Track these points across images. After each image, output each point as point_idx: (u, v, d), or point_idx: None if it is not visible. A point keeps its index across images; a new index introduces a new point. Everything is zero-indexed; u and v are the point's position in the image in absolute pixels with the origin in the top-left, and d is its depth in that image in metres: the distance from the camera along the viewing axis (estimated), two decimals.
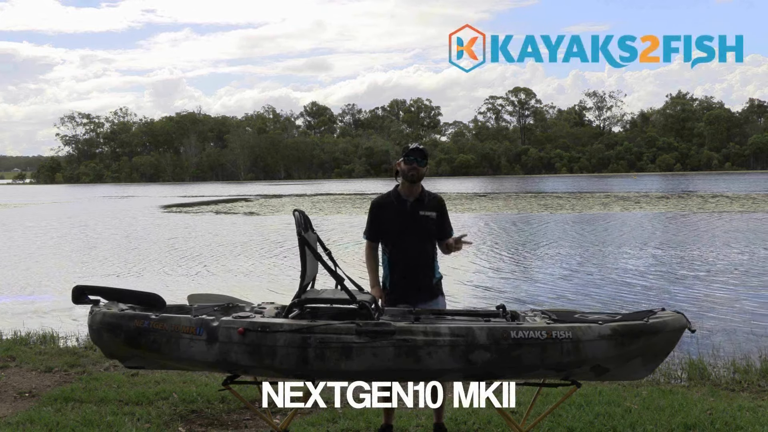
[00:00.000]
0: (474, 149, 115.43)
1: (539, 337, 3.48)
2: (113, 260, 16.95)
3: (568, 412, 4.74)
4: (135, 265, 16.07)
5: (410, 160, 4.16)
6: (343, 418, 4.72)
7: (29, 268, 15.83)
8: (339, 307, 3.80)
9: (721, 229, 21.95)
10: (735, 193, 43.15)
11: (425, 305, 4.11)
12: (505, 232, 22.83)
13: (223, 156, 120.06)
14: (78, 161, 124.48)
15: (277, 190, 65.67)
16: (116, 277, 14.17)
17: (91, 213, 37.17)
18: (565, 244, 18.51)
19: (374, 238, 4.31)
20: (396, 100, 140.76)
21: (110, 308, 3.82)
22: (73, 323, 8.89)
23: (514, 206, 35.35)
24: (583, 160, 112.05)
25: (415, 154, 4.16)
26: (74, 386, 5.61)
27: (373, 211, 4.32)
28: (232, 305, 4.03)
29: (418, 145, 4.21)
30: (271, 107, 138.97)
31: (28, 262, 16.81)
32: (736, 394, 5.50)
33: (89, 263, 16.51)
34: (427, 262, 4.22)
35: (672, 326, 3.55)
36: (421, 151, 4.19)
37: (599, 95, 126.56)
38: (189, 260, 16.59)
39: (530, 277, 13.59)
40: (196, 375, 5.90)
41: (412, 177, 4.18)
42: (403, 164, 4.20)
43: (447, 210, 4.34)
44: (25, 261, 17.15)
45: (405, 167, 4.18)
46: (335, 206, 37.74)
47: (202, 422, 4.79)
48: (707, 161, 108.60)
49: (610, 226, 24.00)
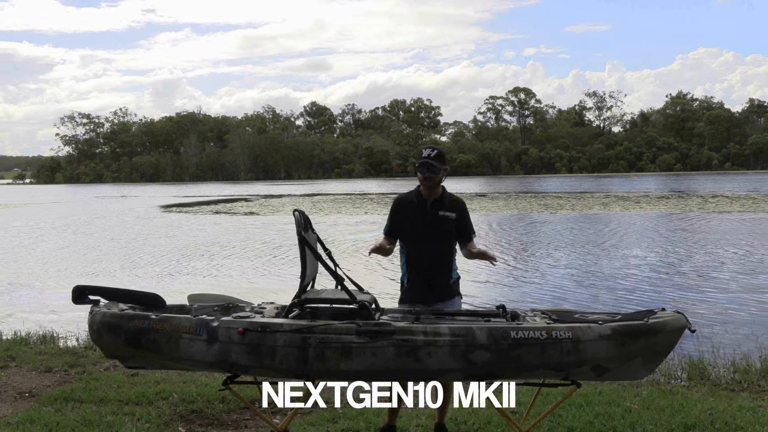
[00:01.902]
0: (474, 149, 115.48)
1: (539, 337, 3.47)
2: (113, 260, 16.94)
3: (568, 412, 4.73)
4: (135, 265, 16.07)
5: (423, 170, 4.13)
6: (343, 418, 4.71)
7: (29, 268, 15.82)
8: (339, 307, 3.80)
9: (721, 229, 21.95)
10: (735, 193, 43.15)
11: (442, 305, 4.10)
12: (505, 232, 22.82)
13: (223, 156, 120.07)
14: (78, 161, 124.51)
15: (277, 190, 65.67)
16: (116, 277, 14.17)
17: (91, 213, 37.16)
18: (565, 244, 18.50)
19: (391, 234, 4.27)
20: (396, 100, 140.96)
21: (110, 308, 3.82)
22: (73, 323, 8.88)
23: (514, 206, 35.35)
24: (583, 160, 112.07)
25: (425, 166, 4.10)
26: (74, 386, 5.60)
27: (393, 209, 4.31)
28: (232, 305, 4.03)
29: (430, 152, 4.14)
30: (271, 107, 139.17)
31: (29, 262, 16.81)
32: (736, 394, 5.50)
33: (89, 263, 16.50)
34: (444, 263, 4.20)
35: (672, 326, 3.55)
36: (431, 164, 4.09)
37: (599, 95, 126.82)
38: (189, 260, 16.59)
39: (530, 277, 13.58)
40: (196, 375, 5.89)
41: (428, 185, 4.16)
42: (418, 173, 4.18)
43: (468, 212, 4.31)
44: (25, 261, 17.14)
45: (420, 175, 4.16)
46: (335, 206, 37.74)
47: (202, 422, 4.79)
48: (707, 161, 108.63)
49: (610, 226, 23.99)
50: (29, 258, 17.74)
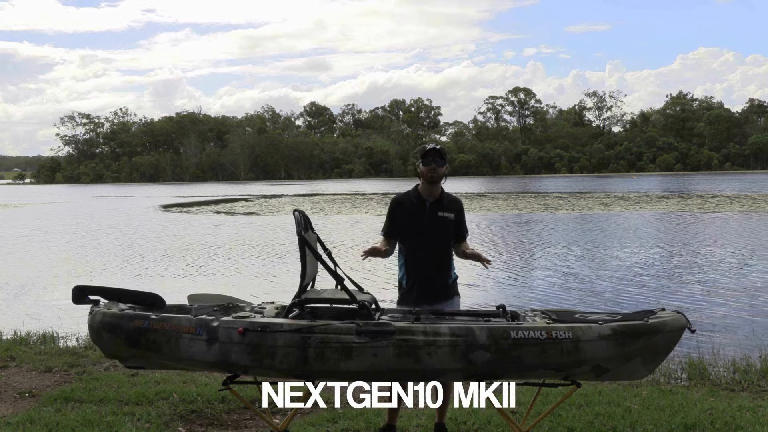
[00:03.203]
0: (474, 149, 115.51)
1: (539, 337, 3.47)
2: (113, 260, 16.95)
3: (568, 412, 4.73)
4: (135, 265, 16.07)
5: (428, 161, 4.11)
6: (343, 418, 4.71)
7: (30, 267, 15.82)
8: (339, 307, 3.80)
9: (721, 229, 21.95)
10: (735, 193, 43.16)
11: (441, 305, 4.09)
12: (505, 232, 22.83)
13: (223, 156, 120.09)
14: (78, 161, 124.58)
15: (277, 190, 65.68)
16: (116, 277, 14.17)
17: (91, 213, 37.16)
18: (565, 244, 18.51)
19: (390, 235, 4.25)
20: (396, 100, 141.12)
21: (110, 308, 3.82)
22: (73, 323, 8.88)
23: (514, 206, 35.35)
24: (583, 160, 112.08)
25: (432, 155, 4.10)
26: (74, 386, 5.60)
27: (391, 209, 4.29)
28: (232, 305, 4.03)
29: (435, 145, 4.15)
30: (270, 107, 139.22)
31: (29, 262, 16.81)
32: (736, 394, 5.49)
33: (89, 263, 16.51)
34: (443, 263, 4.19)
35: (672, 326, 3.55)
36: (438, 152, 4.12)
37: (599, 95, 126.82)
38: (189, 260, 16.59)
39: (530, 277, 13.58)
40: (196, 375, 5.89)
41: (432, 178, 4.13)
42: (421, 166, 4.14)
43: (464, 212, 4.32)
44: (25, 261, 17.14)
45: (423, 169, 4.12)
46: (335, 206, 37.75)
47: (202, 422, 4.79)
48: (707, 161, 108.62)
49: (610, 226, 24.00)
50: (29, 258, 17.75)
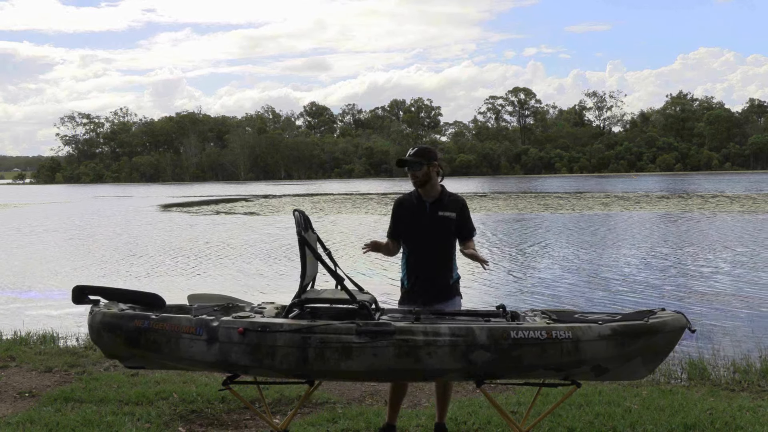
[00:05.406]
0: (474, 149, 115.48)
1: (539, 337, 3.47)
2: (113, 260, 16.95)
3: (568, 412, 4.73)
4: (135, 264, 16.07)
5: (407, 169, 4.16)
6: (343, 418, 4.71)
7: (30, 267, 15.82)
8: (339, 307, 3.80)
9: (721, 229, 21.95)
10: (735, 193, 43.16)
11: (442, 305, 4.09)
12: (505, 232, 22.82)
13: (223, 156, 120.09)
14: (78, 161, 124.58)
15: (277, 190, 65.67)
16: (116, 277, 14.17)
17: (91, 213, 37.16)
18: (565, 244, 18.50)
19: (395, 236, 4.27)
20: (396, 100, 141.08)
21: (110, 308, 3.82)
22: (73, 323, 8.88)
23: (514, 206, 35.36)
24: (583, 160, 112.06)
25: (405, 162, 4.13)
26: (74, 386, 5.60)
27: (394, 210, 4.32)
28: (232, 305, 4.03)
29: (411, 150, 4.19)
30: (270, 107, 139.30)
31: (29, 262, 16.81)
32: (736, 394, 5.49)
33: (89, 263, 16.51)
34: (445, 263, 4.20)
35: (672, 326, 3.55)
36: (407, 160, 4.12)
37: (599, 95, 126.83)
38: (189, 260, 16.59)
39: (530, 277, 13.58)
40: (196, 375, 5.89)
41: (415, 183, 4.18)
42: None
43: (469, 210, 4.32)
44: (25, 261, 17.14)
45: (409, 175, 4.19)
46: (335, 206, 37.75)
47: (202, 422, 4.79)
48: (707, 161, 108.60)
49: (610, 226, 24.00)
50: (29, 258, 17.74)
